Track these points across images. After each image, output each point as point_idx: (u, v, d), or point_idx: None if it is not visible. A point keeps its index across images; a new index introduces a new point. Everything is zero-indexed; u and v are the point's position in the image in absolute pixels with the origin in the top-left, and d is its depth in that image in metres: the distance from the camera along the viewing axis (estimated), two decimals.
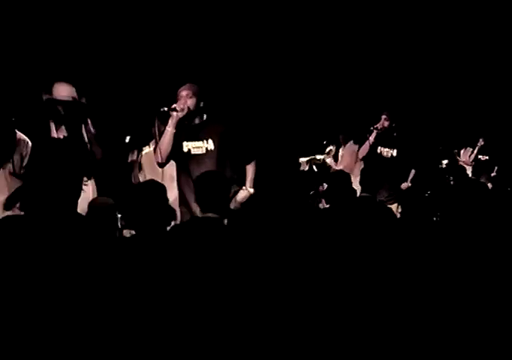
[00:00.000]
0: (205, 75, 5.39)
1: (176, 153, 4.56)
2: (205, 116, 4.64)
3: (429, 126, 8.31)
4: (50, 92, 4.31)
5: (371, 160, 6.27)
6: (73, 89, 4.35)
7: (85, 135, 4.33)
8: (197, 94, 4.60)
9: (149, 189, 3.09)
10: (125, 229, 4.08)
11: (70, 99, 4.28)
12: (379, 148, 6.33)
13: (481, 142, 9.45)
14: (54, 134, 4.29)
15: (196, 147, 4.59)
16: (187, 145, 4.60)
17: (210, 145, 4.56)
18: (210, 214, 3.35)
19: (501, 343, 2.78)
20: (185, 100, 4.55)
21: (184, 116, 4.53)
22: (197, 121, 4.62)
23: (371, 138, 6.25)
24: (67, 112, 4.27)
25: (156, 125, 4.50)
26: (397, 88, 7.62)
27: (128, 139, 6.12)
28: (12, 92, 5.01)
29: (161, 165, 4.65)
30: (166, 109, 4.46)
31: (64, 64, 5.07)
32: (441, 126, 8.70)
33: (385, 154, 6.36)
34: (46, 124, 4.30)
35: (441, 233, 3.48)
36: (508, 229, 3.57)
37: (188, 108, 4.54)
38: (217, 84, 5.04)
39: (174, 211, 3.21)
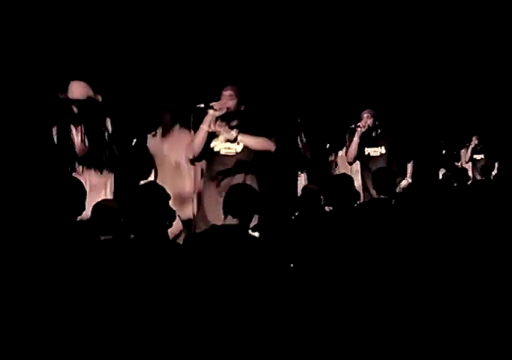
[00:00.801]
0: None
1: (207, 152, 4.55)
2: (243, 118, 4.59)
3: (426, 121, 8.28)
4: (66, 92, 4.33)
5: (362, 161, 6.20)
6: (89, 88, 4.37)
7: (105, 133, 4.37)
8: (239, 96, 4.59)
9: (148, 190, 3.04)
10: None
11: (85, 97, 4.27)
12: (366, 149, 6.22)
13: (475, 141, 9.45)
14: (73, 135, 4.28)
15: (226, 148, 4.58)
16: (219, 145, 4.58)
17: (240, 147, 4.55)
18: (231, 220, 3.23)
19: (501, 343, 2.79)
20: (226, 101, 4.54)
21: (223, 116, 4.52)
22: (234, 123, 4.59)
23: (356, 138, 6.08)
24: (82, 111, 4.27)
25: (191, 121, 4.45)
26: (389, 84, 7.55)
27: (134, 141, 6.06)
28: (30, 94, 4.92)
29: (192, 161, 4.67)
30: (203, 105, 4.43)
31: (78, 64, 5.05)
32: (438, 122, 8.67)
33: (373, 153, 6.20)
34: (65, 124, 4.29)
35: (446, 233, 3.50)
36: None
37: (228, 108, 4.52)
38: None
39: (174, 212, 3.12)
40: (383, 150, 6.16)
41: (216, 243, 3.07)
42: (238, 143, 4.53)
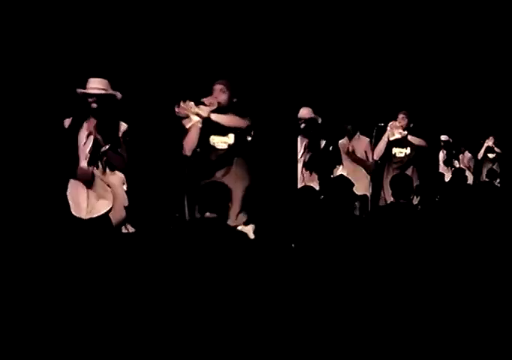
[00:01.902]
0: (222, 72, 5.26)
1: (202, 146, 4.55)
2: (234, 113, 4.55)
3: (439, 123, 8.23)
4: (84, 88, 4.27)
5: (387, 160, 6.23)
6: (107, 83, 4.32)
7: (120, 129, 4.30)
8: (230, 90, 4.56)
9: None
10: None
11: (102, 92, 4.22)
12: (393, 149, 6.26)
13: (491, 140, 9.35)
14: (84, 129, 4.23)
15: (221, 141, 4.58)
16: (212, 139, 4.57)
17: (231, 139, 4.55)
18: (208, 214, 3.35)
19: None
20: (217, 95, 4.53)
21: (214, 111, 4.47)
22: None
23: (386, 137, 6.17)
24: (99, 105, 4.22)
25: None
26: (410, 86, 7.50)
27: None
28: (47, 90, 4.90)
29: (188, 157, 4.61)
30: (192, 102, 4.40)
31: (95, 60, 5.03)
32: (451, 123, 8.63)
33: (398, 154, 6.28)
34: (80, 119, 4.26)
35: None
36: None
37: (219, 103, 4.50)
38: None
39: None
40: (408, 151, 6.25)
41: (197, 236, 3.13)
42: (229, 136, 4.53)
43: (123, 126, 4.36)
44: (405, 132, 6.19)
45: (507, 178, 8.85)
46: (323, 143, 6.08)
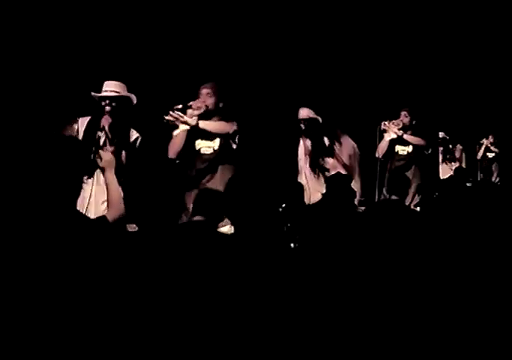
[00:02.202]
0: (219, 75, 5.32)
1: (187, 151, 4.53)
2: (221, 116, 4.55)
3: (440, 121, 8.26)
4: (100, 91, 4.31)
5: (390, 158, 6.28)
6: (123, 86, 4.34)
7: (131, 132, 4.33)
8: (217, 94, 4.54)
9: None
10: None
11: (115, 94, 4.24)
12: (396, 146, 6.28)
13: (490, 140, 9.36)
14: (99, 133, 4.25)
15: (206, 146, 4.56)
16: (198, 144, 4.57)
17: (216, 144, 4.53)
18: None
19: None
20: (205, 99, 4.50)
21: (201, 115, 4.46)
22: (214, 120, 4.54)
23: (394, 135, 6.20)
24: (112, 108, 4.25)
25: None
26: (409, 84, 7.53)
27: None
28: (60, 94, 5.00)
29: (173, 161, 4.59)
30: (180, 106, 4.38)
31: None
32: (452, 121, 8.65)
33: (401, 152, 6.32)
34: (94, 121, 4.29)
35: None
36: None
37: (206, 107, 4.48)
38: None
39: None
40: (410, 149, 6.29)
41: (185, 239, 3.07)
42: (214, 141, 4.52)
43: (135, 134, 4.38)
44: (401, 132, 6.21)
45: (506, 177, 8.85)
46: (326, 142, 6.09)
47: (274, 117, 6.09)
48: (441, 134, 8.74)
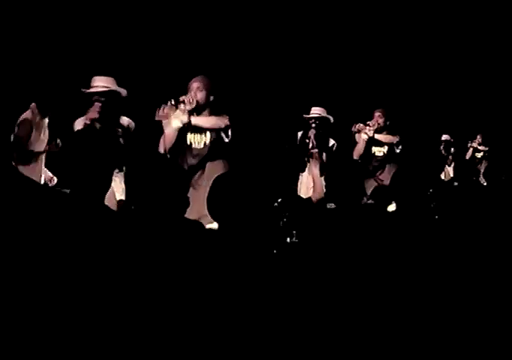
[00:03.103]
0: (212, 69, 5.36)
1: (179, 144, 4.56)
2: (213, 110, 4.59)
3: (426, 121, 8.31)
4: (89, 87, 4.38)
5: (368, 160, 6.29)
6: (111, 80, 4.42)
7: (120, 126, 4.42)
8: (208, 88, 4.56)
9: None
10: None
11: (105, 89, 4.31)
12: (373, 148, 6.33)
13: (478, 140, 9.42)
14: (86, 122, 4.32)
15: (197, 141, 4.60)
16: (190, 138, 4.60)
17: (208, 138, 4.56)
18: None
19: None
20: (195, 93, 4.51)
21: (192, 109, 4.49)
22: (206, 114, 4.58)
23: (365, 136, 6.20)
24: (102, 103, 4.32)
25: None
26: (388, 84, 7.58)
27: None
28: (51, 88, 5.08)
29: (164, 156, 4.56)
30: (173, 102, 4.40)
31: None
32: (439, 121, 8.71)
33: (377, 153, 6.37)
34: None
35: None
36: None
37: (197, 101, 4.50)
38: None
39: None
40: (385, 149, 6.33)
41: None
42: (206, 135, 4.55)
43: (126, 121, 4.50)
44: (371, 132, 6.22)
45: (494, 175, 8.88)
46: (331, 142, 6.20)
47: (265, 111, 6.11)
48: (444, 137, 8.81)
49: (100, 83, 4.38)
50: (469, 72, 8.41)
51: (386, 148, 6.35)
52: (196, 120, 4.49)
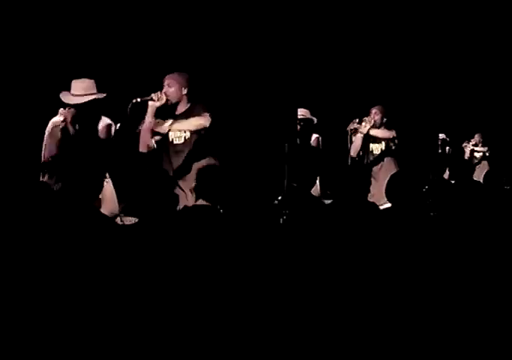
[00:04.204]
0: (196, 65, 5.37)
1: (162, 142, 4.59)
2: (189, 105, 4.61)
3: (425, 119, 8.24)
4: (69, 89, 4.42)
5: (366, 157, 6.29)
6: (91, 84, 4.45)
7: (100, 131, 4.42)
8: (179, 83, 4.59)
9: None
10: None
11: (84, 97, 4.34)
12: (370, 145, 6.23)
13: (476, 139, 9.35)
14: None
15: (177, 137, 4.62)
16: (171, 135, 4.62)
17: (187, 133, 4.57)
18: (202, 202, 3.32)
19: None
20: (166, 90, 4.56)
21: (168, 105, 4.54)
22: (181, 109, 4.62)
23: (360, 133, 6.19)
24: (81, 111, 4.35)
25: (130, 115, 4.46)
26: (387, 82, 7.52)
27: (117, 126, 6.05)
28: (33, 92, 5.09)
29: (147, 154, 4.64)
30: (139, 100, 4.43)
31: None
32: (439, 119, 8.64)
33: (375, 151, 6.31)
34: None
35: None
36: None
37: (167, 96, 4.52)
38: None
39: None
40: (383, 146, 6.25)
41: (189, 223, 3.14)
42: (185, 131, 4.55)
43: (106, 121, 4.48)
44: (366, 128, 6.17)
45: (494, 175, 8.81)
46: (313, 137, 6.23)
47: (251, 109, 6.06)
48: (441, 136, 8.77)
49: (77, 91, 4.40)
50: (468, 71, 8.37)
51: (383, 144, 6.33)
52: (178, 125, 4.56)
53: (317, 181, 5.63)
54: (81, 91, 4.39)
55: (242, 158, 5.29)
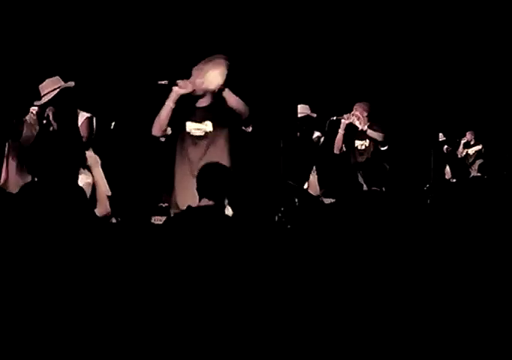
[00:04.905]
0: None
1: (177, 131, 4.51)
2: (213, 100, 4.50)
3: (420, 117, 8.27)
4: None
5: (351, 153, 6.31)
6: (55, 80, 4.60)
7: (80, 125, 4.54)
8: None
9: None
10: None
11: (50, 93, 4.51)
12: (356, 142, 6.33)
13: (468, 137, 9.37)
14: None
15: (196, 129, 4.49)
16: (189, 126, 4.49)
17: (209, 127, 4.47)
18: (206, 201, 3.26)
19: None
20: (194, 79, 4.43)
21: (192, 96, 4.44)
22: (204, 103, 4.51)
23: (341, 129, 6.25)
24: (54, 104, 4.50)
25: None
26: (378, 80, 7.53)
27: (113, 125, 6.07)
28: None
29: (156, 138, 4.66)
30: (165, 82, 4.38)
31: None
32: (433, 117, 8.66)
33: (360, 147, 6.34)
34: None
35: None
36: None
37: (193, 88, 4.42)
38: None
39: None
40: (367, 143, 6.27)
41: (193, 224, 3.08)
42: (207, 124, 4.46)
43: (84, 115, 4.64)
44: (366, 127, 6.25)
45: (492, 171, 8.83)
46: (315, 134, 6.24)
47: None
48: (440, 135, 8.78)
49: (46, 90, 4.58)
50: (466, 70, 8.38)
51: (367, 141, 6.32)
52: (228, 93, 4.41)
53: (316, 180, 5.66)
54: (51, 86, 4.57)
55: (242, 158, 5.25)
